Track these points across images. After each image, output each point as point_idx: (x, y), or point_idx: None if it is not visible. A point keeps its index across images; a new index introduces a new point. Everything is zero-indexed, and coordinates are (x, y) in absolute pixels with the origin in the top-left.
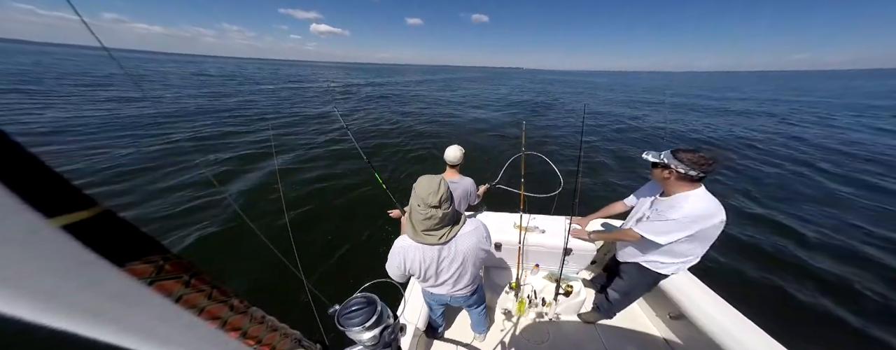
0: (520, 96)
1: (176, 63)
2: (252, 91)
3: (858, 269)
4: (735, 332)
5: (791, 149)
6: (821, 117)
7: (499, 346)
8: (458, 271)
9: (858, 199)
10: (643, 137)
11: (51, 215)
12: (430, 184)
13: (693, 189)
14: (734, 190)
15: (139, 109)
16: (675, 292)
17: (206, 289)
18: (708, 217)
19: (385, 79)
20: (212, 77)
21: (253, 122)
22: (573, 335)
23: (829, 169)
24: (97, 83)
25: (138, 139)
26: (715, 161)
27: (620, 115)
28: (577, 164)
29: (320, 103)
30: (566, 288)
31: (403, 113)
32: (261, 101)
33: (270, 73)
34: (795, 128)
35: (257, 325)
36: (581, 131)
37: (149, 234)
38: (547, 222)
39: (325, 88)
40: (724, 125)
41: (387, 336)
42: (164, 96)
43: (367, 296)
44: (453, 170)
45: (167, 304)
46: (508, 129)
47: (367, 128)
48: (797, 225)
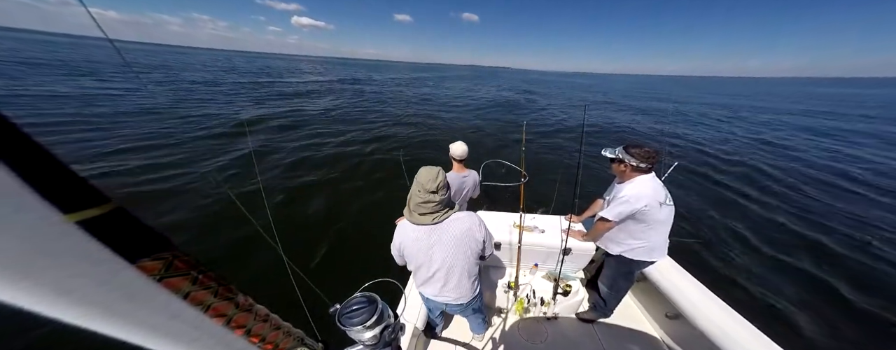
0: (507, 94)
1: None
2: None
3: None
4: (732, 331)
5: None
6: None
7: (498, 345)
8: (449, 258)
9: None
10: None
11: (67, 212)
12: (429, 172)
13: (642, 175)
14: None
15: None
16: (673, 291)
17: (213, 286)
18: (649, 195)
19: (383, 76)
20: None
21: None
22: (571, 334)
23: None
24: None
25: (140, 133)
26: (658, 154)
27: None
28: (577, 164)
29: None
30: (564, 287)
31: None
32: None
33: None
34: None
35: (261, 323)
36: (581, 130)
37: (159, 231)
38: (546, 222)
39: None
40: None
41: (387, 335)
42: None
43: (367, 295)
44: (461, 164)
45: (176, 301)
46: (489, 130)
47: (369, 127)
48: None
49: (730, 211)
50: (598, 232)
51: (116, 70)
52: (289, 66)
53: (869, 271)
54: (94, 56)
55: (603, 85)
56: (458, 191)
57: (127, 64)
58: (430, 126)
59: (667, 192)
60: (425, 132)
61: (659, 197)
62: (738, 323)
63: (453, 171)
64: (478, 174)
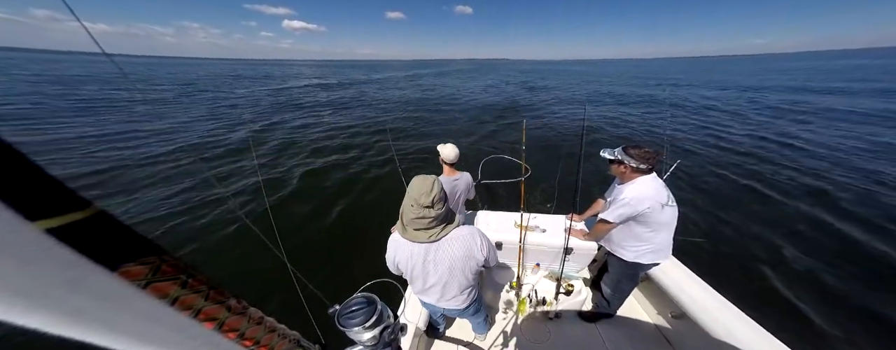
0: (506, 88)
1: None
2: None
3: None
4: (737, 330)
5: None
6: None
7: (500, 345)
8: (445, 277)
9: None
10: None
11: (36, 218)
12: (423, 184)
13: (643, 176)
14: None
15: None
16: (677, 291)
17: (204, 289)
18: (651, 197)
19: (381, 74)
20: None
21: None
22: (574, 334)
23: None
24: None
25: (142, 144)
26: (658, 154)
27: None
28: (577, 163)
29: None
30: (567, 287)
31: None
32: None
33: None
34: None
35: (255, 325)
36: (582, 129)
37: (145, 236)
38: (548, 221)
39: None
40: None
41: (387, 336)
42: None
43: (367, 296)
44: (451, 167)
45: (161, 306)
46: (488, 122)
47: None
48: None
49: (734, 208)
50: (598, 233)
51: (115, 84)
52: (285, 73)
53: (886, 269)
54: (95, 73)
55: (597, 71)
56: (450, 195)
57: (125, 75)
58: (427, 123)
59: (669, 192)
60: (423, 131)
61: (661, 198)
62: (743, 322)
63: (444, 174)
64: (471, 175)
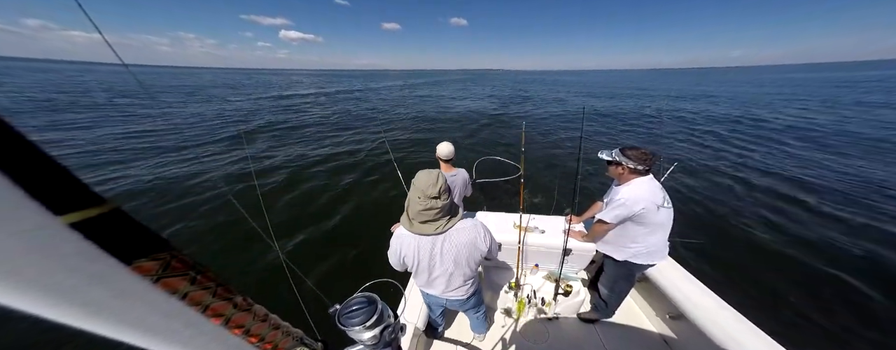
0: (502, 95)
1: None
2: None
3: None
4: (734, 330)
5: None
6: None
7: (498, 345)
8: (451, 267)
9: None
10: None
11: (60, 212)
12: (429, 177)
13: (640, 177)
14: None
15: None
16: (675, 292)
17: (211, 286)
18: (646, 198)
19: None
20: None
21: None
22: (573, 335)
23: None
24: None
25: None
26: (655, 156)
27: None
28: (576, 163)
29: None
30: (566, 288)
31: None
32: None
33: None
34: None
35: (260, 322)
36: (580, 130)
37: (157, 232)
38: (546, 222)
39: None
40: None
41: (387, 335)
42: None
43: (367, 295)
44: (447, 164)
45: (172, 300)
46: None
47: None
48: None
49: (730, 210)
50: (596, 234)
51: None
52: (282, 81)
53: (879, 268)
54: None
55: (589, 81)
56: None
57: (144, 88)
58: (424, 129)
59: (665, 194)
60: (420, 135)
61: (657, 199)
62: (740, 323)
63: (441, 170)
64: (468, 173)
